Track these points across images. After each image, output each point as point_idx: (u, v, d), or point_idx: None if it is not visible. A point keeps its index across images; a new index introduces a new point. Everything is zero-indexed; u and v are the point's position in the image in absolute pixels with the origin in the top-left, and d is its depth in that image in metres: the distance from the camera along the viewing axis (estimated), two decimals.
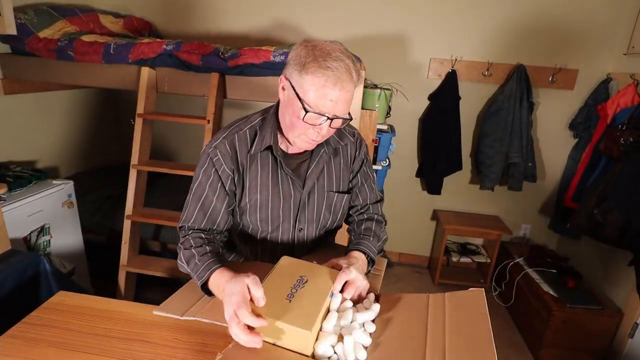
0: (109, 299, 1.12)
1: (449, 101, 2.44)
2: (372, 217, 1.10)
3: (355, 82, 0.85)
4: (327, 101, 0.83)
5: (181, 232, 0.99)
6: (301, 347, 0.67)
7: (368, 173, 1.11)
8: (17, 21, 1.76)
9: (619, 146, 1.91)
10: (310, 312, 0.69)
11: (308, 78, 0.82)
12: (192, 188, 0.98)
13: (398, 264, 2.95)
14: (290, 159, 1.00)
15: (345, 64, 0.82)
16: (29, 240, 1.68)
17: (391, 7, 2.38)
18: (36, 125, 2.18)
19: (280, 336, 0.68)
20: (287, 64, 0.88)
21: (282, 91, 0.90)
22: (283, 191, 0.99)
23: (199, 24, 2.56)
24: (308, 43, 0.85)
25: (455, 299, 0.81)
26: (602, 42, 2.27)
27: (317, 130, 0.87)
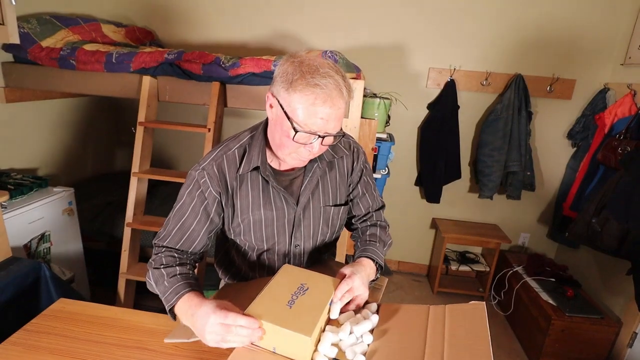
0: (108, 306, 1.12)
1: (447, 110, 2.46)
2: (376, 224, 1.10)
3: (345, 98, 0.82)
4: (318, 119, 0.80)
5: (155, 249, 0.97)
6: (300, 353, 0.67)
7: (369, 182, 1.09)
8: (20, 30, 1.78)
9: (616, 155, 1.93)
10: (310, 319, 0.69)
11: (296, 96, 0.79)
12: (175, 207, 0.96)
13: (397, 272, 2.95)
14: (282, 176, 0.98)
15: (334, 80, 0.79)
16: (30, 247, 1.68)
17: (391, 17, 2.42)
18: (37, 133, 2.19)
19: (280, 342, 0.69)
20: (273, 80, 0.85)
21: (269, 109, 0.87)
22: (276, 209, 0.97)
23: (200, 34, 2.59)
24: (294, 59, 0.82)
25: (455, 312, 0.81)
26: (599, 53, 2.30)
27: (309, 149, 0.85)
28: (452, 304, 0.86)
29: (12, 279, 1.28)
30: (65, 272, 1.77)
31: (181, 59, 1.78)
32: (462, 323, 0.76)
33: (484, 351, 0.67)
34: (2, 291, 1.24)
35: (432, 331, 0.76)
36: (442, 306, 0.84)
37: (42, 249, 1.74)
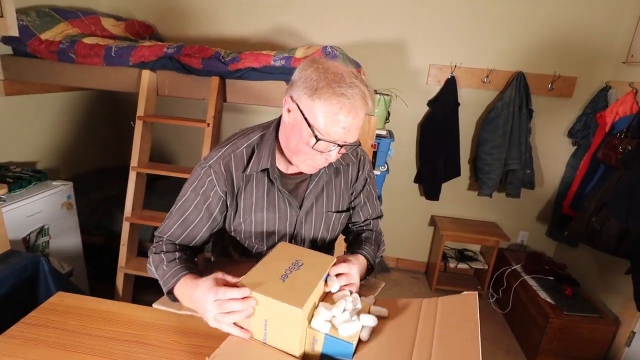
0: (107, 300, 1.12)
1: (448, 107, 2.45)
2: (372, 230, 1.11)
3: (369, 108, 0.81)
4: (339, 128, 0.78)
5: (156, 239, 0.98)
6: (292, 326, 0.67)
7: (371, 191, 1.09)
8: (19, 23, 1.77)
9: (617, 154, 1.92)
10: (302, 292, 0.69)
11: (320, 104, 0.77)
12: (178, 202, 0.94)
13: (395, 270, 2.95)
14: (289, 179, 0.96)
15: (360, 91, 0.78)
16: (28, 240, 1.68)
17: (391, 13, 2.40)
18: (37, 126, 2.19)
19: (271, 314, 0.68)
20: (292, 84, 0.82)
21: (286, 113, 0.85)
22: (279, 212, 0.96)
23: (200, 28, 2.58)
24: (318, 64, 0.80)
25: (447, 303, 0.82)
26: (601, 51, 2.29)
27: (325, 157, 0.84)
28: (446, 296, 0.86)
29: (10, 272, 1.28)
30: (64, 265, 1.77)
31: (181, 53, 1.77)
32: (453, 313, 0.77)
33: (471, 338, 0.67)
34: (0, 284, 1.24)
35: (424, 322, 0.76)
36: (435, 298, 0.84)
37: (40, 242, 1.74)
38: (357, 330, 0.71)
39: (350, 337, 0.69)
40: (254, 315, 0.71)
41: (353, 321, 0.72)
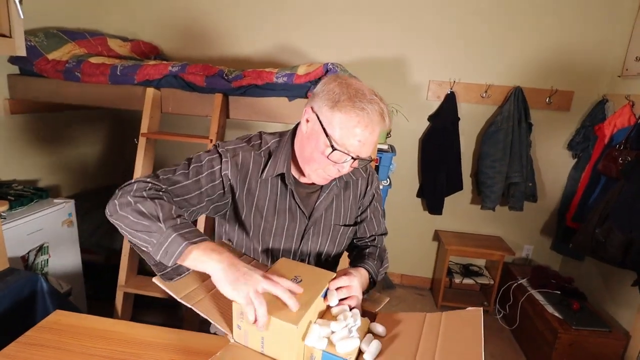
0: (105, 318, 1.09)
1: (448, 122, 2.48)
2: (376, 246, 1.10)
3: (385, 126, 0.83)
4: (355, 141, 0.81)
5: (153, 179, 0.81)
6: (287, 342, 0.66)
7: (377, 207, 1.10)
8: (27, 43, 1.81)
9: (617, 165, 1.93)
10: (300, 308, 0.68)
11: (340, 115, 0.80)
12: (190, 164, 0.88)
13: (400, 286, 2.91)
14: (301, 188, 0.97)
15: (379, 107, 0.81)
16: (27, 259, 1.66)
17: (391, 31, 2.46)
18: (40, 144, 2.20)
19: (268, 331, 0.67)
20: (314, 96, 0.86)
21: (305, 122, 0.88)
22: (289, 218, 0.95)
23: (205, 48, 2.63)
24: (341, 80, 0.84)
25: (451, 318, 0.80)
26: (596, 65, 2.34)
27: (338, 168, 0.85)
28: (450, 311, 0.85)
29: (7, 291, 1.26)
30: (63, 285, 1.74)
31: (185, 71, 1.80)
32: (457, 328, 0.76)
33: (475, 354, 0.65)
34: None
35: (426, 337, 0.75)
36: (439, 313, 0.83)
37: (40, 260, 1.72)
38: (355, 347, 0.70)
39: (348, 353, 0.68)
40: (250, 332, 0.69)
41: (351, 337, 0.70)
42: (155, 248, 0.70)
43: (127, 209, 0.72)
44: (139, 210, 0.72)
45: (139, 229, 0.71)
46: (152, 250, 0.70)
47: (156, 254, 0.70)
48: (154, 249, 0.70)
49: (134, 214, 0.72)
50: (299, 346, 0.67)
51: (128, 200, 0.73)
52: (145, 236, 0.70)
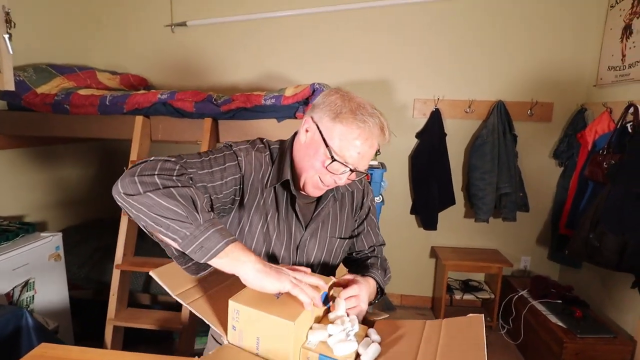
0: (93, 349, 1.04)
1: (435, 138, 2.53)
2: (377, 256, 1.10)
3: (385, 139, 0.84)
4: (355, 153, 0.81)
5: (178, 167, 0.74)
6: (284, 341, 0.64)
7: (373, 220, 1.10)
8: (16, 78, 1.82)
9: (602, 170, 1.97)
10: (296, 308, 0.67)
11: (341, 127, 0.81)
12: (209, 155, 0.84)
13: (400, 307, 2.84)
14: (300, 198, 0.95)
15: (379, 121, 0.82)
16: (12, 295, 1.59)
17: (374, 52, 2.55)
18: (26, 179, 2.17)
19: (264, 330, 0.65)
20: (315, 107, 0.86)
21: (304, 132, 0.87)
22: (286, 229, 0.94)
23: (192, 79, 2.68)
24: (343, 93, 0.85)
25: (452, 324, 0.78)
26: (573, 77, 2.44)
27: (335, 179, 0.85)
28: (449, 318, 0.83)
29: None
30: (49, 322, 1.65)
31: (174, 98, 1.82)
32: (458, 335, 0.73)
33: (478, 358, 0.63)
34: None
35: (426, 343, 0.72)
36: (439, 320, 0.81)
37: (25, 297, 1.65)
38: (352, 350, 0.68)
39: (345, 356, 0.66)
40: (245, 333, 0.67)
41: (349, 341, 0.69)
42: (187, 241, 0.64)
43: (156, 191, 0.64)
44: (171, 195, 0.65)
45: (168, 216, 0.64)
46: (181, 242, 0.64)
47: (187, 247, 0.64)
48: (184, 242, 0.64)
49: (165, 198, 0.64)
50: (295, 346, 0.65)
51: (155, 181, 0.65)
52: (176, 225, 0.64)
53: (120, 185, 0.67)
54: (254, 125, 1.81)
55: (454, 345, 0.70)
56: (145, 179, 0.66)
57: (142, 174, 0.67)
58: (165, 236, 0.66)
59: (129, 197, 0.65)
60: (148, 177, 0.66)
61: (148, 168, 0.68)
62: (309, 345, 0.67)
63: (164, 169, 0.70)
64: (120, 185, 0.67)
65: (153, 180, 0.66)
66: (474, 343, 0.68)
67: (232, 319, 0.67)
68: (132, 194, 0.65)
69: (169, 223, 0.64)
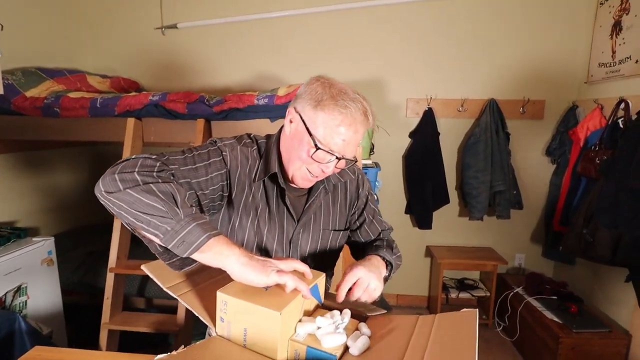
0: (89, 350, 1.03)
1: (429, 137, 2.53)
2: (382, 239, 1.08)
3: (369, 124, 0.84)
4: (339, 140, 0.81)
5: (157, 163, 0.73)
6: (271, 331, 0.63)
7: (374, 208, 1.09)
8: (5, 82, 1.81)
9: (595, 165, 1.98)
10: (283, 299, 0.66)
11: (323, 115, 0.80)
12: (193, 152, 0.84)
13: (396, 307, 2.84)
14: (290, 191, 0.94)
15: (362, 105, 0.81)
16: (4, 301, 1.57)
17: (365, 51, 2.55)
18: (17, 185, 2.14)
19: (251, 321, 0.65)
20: (298, 97, 0.86)
21: (288, 123, 0.87)
22: (278, 221, 0.93)
23: (184, 82, 2.67)
24: (325, 80, 0.84)
25: (444, 319, 0.78)
26: (564, 74, 2.46)
27: (322, 168, 0.85)
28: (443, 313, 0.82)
29: None
30: (43, 327, 1.64)
31: (166, 99, 1.81)
32: (450, 330, 0.72)
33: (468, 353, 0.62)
34: None
35: (417, 338, 0.72)
36: (432, 315, 0.81)
37: (17, 302, 1.63)
38: (341, 343, 0.67)
39: (333, 349, 0.65)
40: (234, 324, 0.67)
41: (337, 334, 0.68)
42: (168, 236, 0.63)
43: (135, 187, 0.64)
44: (150, 191, 0.65)
45: (148, 212, 0.63)
46: (163, 237, 0.64)
47: (168, 242, 0.64)
48: (166, 237, 0.63)
49: (144, 195, 0.64)
50: (282, 337, 0.64)
51: (135, 178, 0.66)
52: (156, 221, 0.63)
53: (101, 183, 0.67)
54: (246, 126, 1.80)
55: (445, 340, 0.69)
56: (126, 176, 0.66)
57: (123, 171, 0.67)
58: (147, 232, 0.66)
59: (109, 194, 0.65)
60: (128, 174, 0.66)
61: (129, 165, 0.68)
62: (297, 337, 0.66)
63: (144, 165, 0.70)
64: (102, 183, 0.67)
65: (133, 177, 0.66)
66: (466, 337, 0.67)
67: (220, 310, 0.67)
68: (112, 192, 0.65)
69: (150, 219, 0.64)
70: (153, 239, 0.68)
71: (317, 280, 0.76)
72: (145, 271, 0.73)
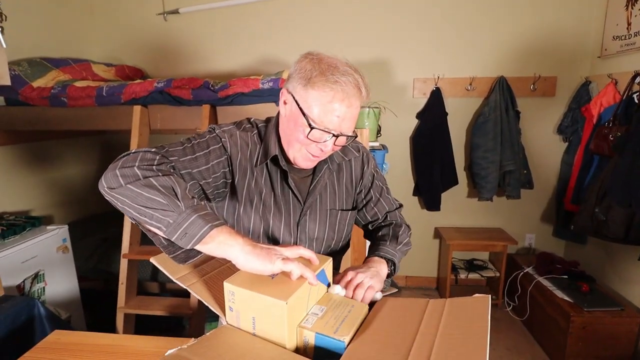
0: (106, 334, 1.07)
1: (436, 118, 2.49)
2: (390, 224, 1.07)
3: (363, 98, 0.81)
4: (334, 117, 0.79)
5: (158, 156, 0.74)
6: (278, 320, 0.63)
7: (381, 186, 1.07)
8: (11, 72, 1.81)
9: (608, 142, 1.94)
10: (290, 287, 0.66)
11: (314, 93, 0.78)
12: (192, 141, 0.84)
13: (405, 288, 2.86)
14: (294, 173, 0.93)
15: (354, 79, 0.79)
16: (23, 288, 1.62)
17: (371, 32, 2.50)
18: (29, 175, 2.18)
19: (258, 310, 0.65)
20: (289, 77, 0.84)
21: (283, 105, 0.85)
22: (283, 207, 0.92)
23: (188, 68, 2.65)
24: (313, 56, 0.82)
25: (456, 304, 0.76)
26: (576, 49, 2.38)
27: (321, 147, 0.83)
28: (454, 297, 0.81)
29: (4, 316, 1.22)
30: (61, 312, 1.69)
31: (170, 86, 1.80)
32: (461, 316, 0.71)
33: (479, 344, 0.60)
34: None
35: (427, 323, 0.70)
36: (443, 300, 0.79)
37: (36, 289, 1.68)
38: (350, 328, 0.67)
39: (341, 334, 0.65)
40: (242, 313, 0.67)
41: (346, 318, 0.68)
42: (171, 229, 0.64)
43: (136, 182, 0.65)
44: (151, 185, 0.65)
45: (150, 206, 0.64)
46: (166, 230, 0.64)
47: (171, 234, 0.64)
48: (169, 230, 0.64)
49: (145, 189, 0.65)
50: (290, 325, 0.64)
51: (135, 173, 0.66)
52: (158, 214, 0.64)
53: (104, 179, 0.68)
54: (252, 110, 1.79)
55: (456, 328, 0.67)
56: (126, 172, 0.67)
57: (123, 166, 0.68)
58: (151, 226, 0.66)
59: (112, 190, 0.67)
60: (128, 169, 0.67)
61: (129, 160, 0.69)
62: (306, 324, 0.66)
63: (144, 159, 0.70)
64: (104, 179, 0.68)
65: (133, 172, 0.67)
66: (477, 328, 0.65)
67: (228, 300, 0.67)
68: (114, 187, 0.66)
69: (152, 213, 0.64)
70: (157, 232, 0.68)
71: (324, 266, 0.75)
72: (154, 263, 0.74)
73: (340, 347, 0.64)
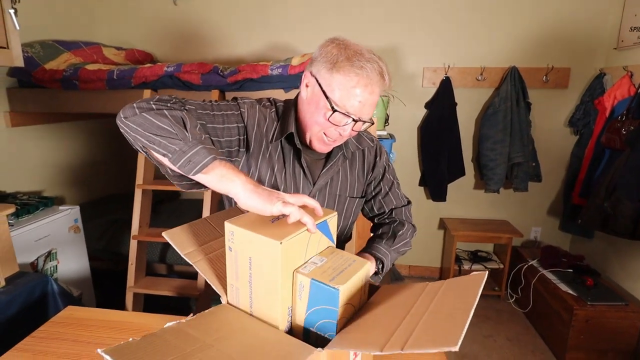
0: (117, 310, 1.10)
1: (445, 108, 2.47)
2: (394, 221, 1.07)
3: (385, 85, 0.83)
4: (356, 102, 0.81)
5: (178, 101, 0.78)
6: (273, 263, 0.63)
7: (392, 180, 1.08)
8: (24, 54, 1.82)
9: (621, 136, 1.91)
10: (288, 229, 0.65)
11: (339, 77, 0.80)
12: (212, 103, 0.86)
13: (408, 277, 2.89)
14: (307, 154, 0.95)
15: (378, 66, 0.81)
16: (36, 265, 1.67)
17: (380, 20, 2.47)
18: (42, 156, 2.22)
19: (254, 250, 0.65)
20: (313, 60, 0.85)
21: (304, 87, 0.87)
22: (294, 182, 0.94)
23: (198, 53, 2.65)
24: (340, 41, 0.83)
25: (452, 284, 0.78)
26: (591, 40, 2.33)
27: (339, 131, 0.85)
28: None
29: (19, 292, 1.26)
30: (73, 290, 1.74)
31: (180, 70, 1.81)
32: (453, 294, 0.71)
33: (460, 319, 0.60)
34: (9, 305, 1.23)
35: (420, 303, 0.70)
36: (442, 281, 0.81)
37: (49, 267, 1.73)
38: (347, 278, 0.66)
39: (337, 283, 0.64)
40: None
41: (345, 270, 0.67)
42: (176, 155, 0.66)
43: (150, 112, 0.68)
44: (163, 114, 0.68)
45: (159, 134, 0.66)
46: (172, 157, 0.66)
47: (176, 161, 0.66)
48: (174, 156, 0.66)
49: (157, 117, 0.68)
50: (284, 268, 0.63)
51: (150, 106, 0.70)
52: (166, 142, 0.66)
53: (121, 112, 0.71)
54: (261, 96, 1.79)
55: (446, 303, 0.68)
56: (142, 104, 0.71)
57: (141, 101, 0.72)
58: (158, 153, 0.68)
59: (126, 119, 0.69)
60: (145, 104, 0.71)
61: (146, 99, 0.73)
62: (303, 270, 0.65)
63: (161, 100, 0.74)
64: (121, 111, 0.71)
65: (149, 105, 0.71)
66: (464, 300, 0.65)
67: (228, 241, 0.67)
68: (128, 116, 0.69)
69: (161, 140, 0.67)
70: (164, 161, 0.70)
71: (327, 218, 0.72)
72: (166, 238, 0.75)
73: (335, 295, 0.63)
